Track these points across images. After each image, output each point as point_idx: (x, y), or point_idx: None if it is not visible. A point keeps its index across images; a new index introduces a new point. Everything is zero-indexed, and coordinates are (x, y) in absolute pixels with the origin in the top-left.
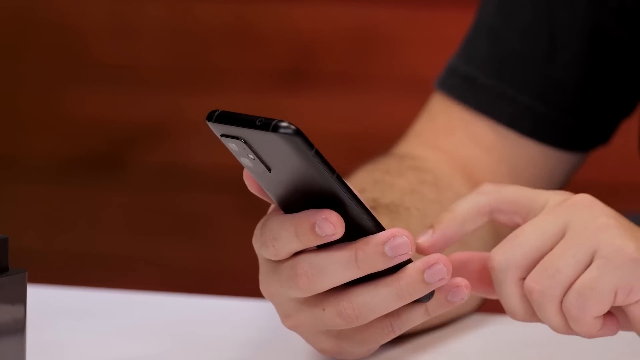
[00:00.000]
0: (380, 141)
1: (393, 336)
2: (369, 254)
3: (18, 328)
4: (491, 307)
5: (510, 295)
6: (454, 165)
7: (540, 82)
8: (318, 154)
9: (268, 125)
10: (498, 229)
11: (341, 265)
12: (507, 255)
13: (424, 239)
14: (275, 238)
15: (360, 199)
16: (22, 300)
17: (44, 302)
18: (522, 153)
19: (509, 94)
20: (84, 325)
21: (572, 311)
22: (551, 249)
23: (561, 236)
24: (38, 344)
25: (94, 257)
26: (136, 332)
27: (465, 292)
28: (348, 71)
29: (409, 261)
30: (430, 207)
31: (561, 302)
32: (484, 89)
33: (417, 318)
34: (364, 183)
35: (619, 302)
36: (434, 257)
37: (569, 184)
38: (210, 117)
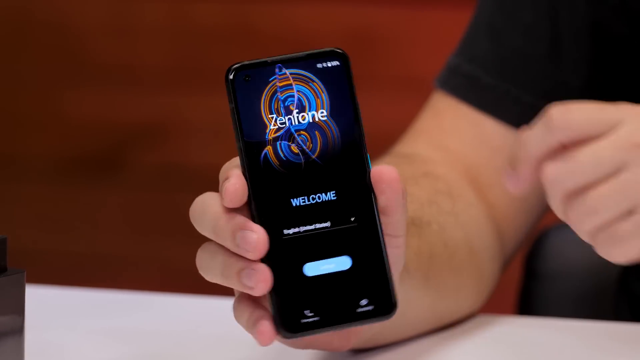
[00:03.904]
0: (379, 141)
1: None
2: (225, 229)
3: (17, 328)
4: (492, 308)
5: (557, 209)
6: (460, 168)
7: (545, 81)
8: None
9: None
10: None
11: (209, 224)
12: (556, 177)
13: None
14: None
15: None
16: (20, 300)
17: (43, 302)
18: None
19: (514, 93)
20: (83, 325)
21: (600, 244)
22: (599, 182)
23: (614, 173)
24: (37, 344)
25: (93, 257)
26: (136, 332)
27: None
28: None
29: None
30: (447, 220)
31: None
32: (488, 88)
33: None
34: None
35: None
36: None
37: None
38: None
